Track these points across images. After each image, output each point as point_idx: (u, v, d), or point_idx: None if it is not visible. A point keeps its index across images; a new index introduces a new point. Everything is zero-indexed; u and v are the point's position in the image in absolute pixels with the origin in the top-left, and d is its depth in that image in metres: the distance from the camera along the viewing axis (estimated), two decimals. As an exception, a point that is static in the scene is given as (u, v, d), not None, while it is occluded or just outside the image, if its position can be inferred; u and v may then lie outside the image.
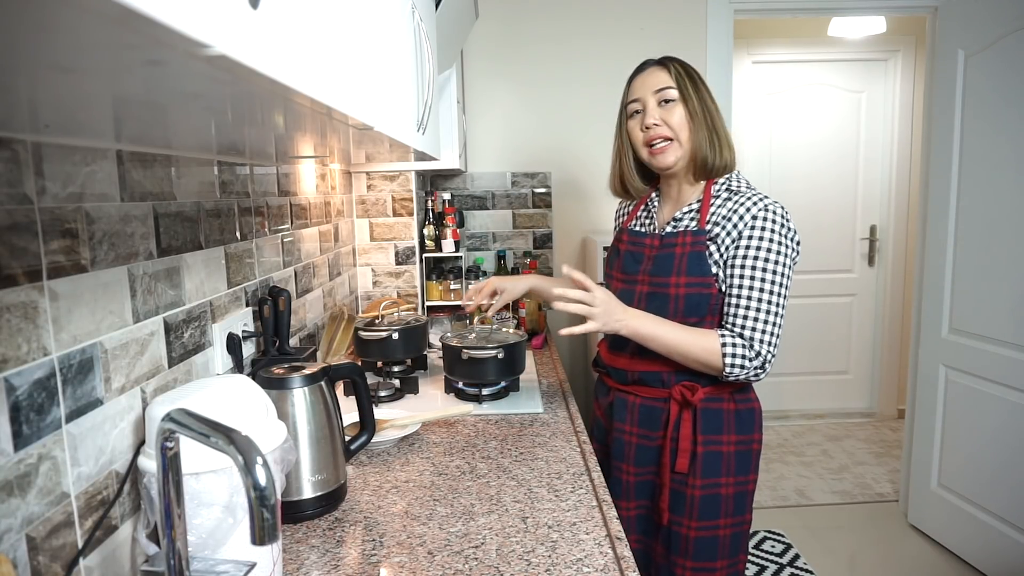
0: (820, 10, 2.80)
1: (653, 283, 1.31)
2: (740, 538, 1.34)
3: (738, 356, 1.23)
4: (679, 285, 1.28)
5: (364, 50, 0.74)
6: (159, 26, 0.29)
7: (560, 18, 2.75)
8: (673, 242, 1.31)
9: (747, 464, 1.33)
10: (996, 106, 2.30)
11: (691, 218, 1.32)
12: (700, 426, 1.29)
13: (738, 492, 1.32)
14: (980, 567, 2.45)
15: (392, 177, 2.27)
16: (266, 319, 1.31)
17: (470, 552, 0.95)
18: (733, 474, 1.31)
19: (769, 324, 1.24)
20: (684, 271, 1.28)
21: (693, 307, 1.27)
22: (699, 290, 1.27)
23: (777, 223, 1.24)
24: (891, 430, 3.83)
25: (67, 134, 0.76)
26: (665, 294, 1.29)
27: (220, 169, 1.21)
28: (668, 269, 1.29)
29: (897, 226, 3.86)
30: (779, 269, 1.24)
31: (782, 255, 1.24)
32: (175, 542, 0.72)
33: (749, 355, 1.23)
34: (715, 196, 1.31)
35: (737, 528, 1.33)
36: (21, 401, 0.69)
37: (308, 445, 1.06)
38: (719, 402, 1.31)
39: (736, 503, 1.32)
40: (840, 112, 3.82)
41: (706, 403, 1.30)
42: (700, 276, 1.27)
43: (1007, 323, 2.28)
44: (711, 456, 1.30)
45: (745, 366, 1.23)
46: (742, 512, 1.33)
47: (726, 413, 1.31)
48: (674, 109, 1.30)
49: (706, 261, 1.27)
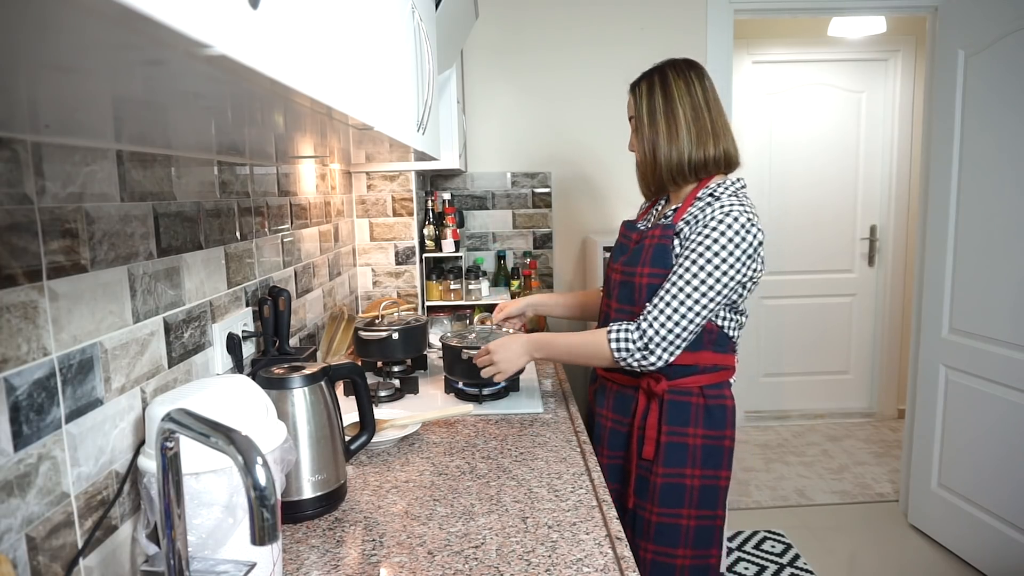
0: (820, 10, 2.80)
1: (625, 272, 1.38)
2: (711, 532, 1.35)
3: (622, 339, 1.29)
4: (643, 275, 1.33)
5: (364, 50, 0.74)
6: (159, 26, 0.29)
7: (560, 18, 2.74)
8: (646, 235, 1.38)
9: (718, 459, 1.35)
10: (996, 106, 2.30)
11: (668, 215, 1.40)
12: (666, 416, 1.34)
13: (705, 485, 1.34)
14: (980, 567, 2.45)
15: (392, 177, 2.27)
16: (266, 319, 1.31)
17: (470, 552, 0.95)
18: (699, 466, 1.34)
19: (668, 309, 1.26)
20: (648, 262, 1.33)
21: (653, 295, 1.31)
22: (659, 280, 1.31)
23: (729, 231, 1.25)
24: (891, 430, 3.83)
25: (67, 134, 0.76)
26: (631, 282, 1.36)
27: (220, 169, 1.21)
28: (637, 259, 1.36)
29: (897, 226, 3.86)
30: (706, 267, 1.25)
31: (718, 257, 1.24)
32: (175, 542, 0.72)
33: (633, 337, 1.28)
34: (698, 199, 1.35)
35: (706, 522, 1.35)
36: (21, 401, 0.69)
37: (308, 445, 1.06)
38: (687, 395, 1.34)
39: (703, 496, 1.34)
40: (840, 112, 3.82)
41: (672, 395, 1.34)
42: (662, 267, 1.31)
43: (1007, 323, 2.28)
44: (675, 447, 1.34)
45: (629, 348, 1.28)
46: (712, 507, 1.35)
47: (694, 407, 1.34)
48: (636, 134, 1.41)
49: (669, 254, 1.31)
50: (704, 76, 1.38)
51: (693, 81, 1.36)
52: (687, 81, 1.35)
